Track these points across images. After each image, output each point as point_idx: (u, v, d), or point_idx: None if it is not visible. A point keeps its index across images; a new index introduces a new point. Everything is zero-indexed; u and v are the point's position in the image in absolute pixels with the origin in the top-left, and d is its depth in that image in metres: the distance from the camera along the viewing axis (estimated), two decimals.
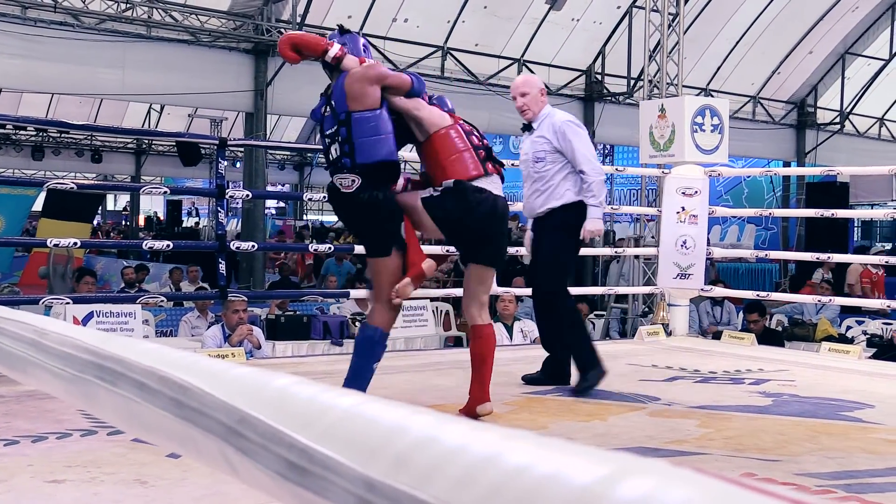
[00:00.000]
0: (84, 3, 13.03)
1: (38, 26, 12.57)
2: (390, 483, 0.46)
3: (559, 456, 0.41)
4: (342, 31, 4.39)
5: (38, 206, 16.76)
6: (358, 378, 4.12)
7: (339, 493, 0.49)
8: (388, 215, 4.11)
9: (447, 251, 7.06)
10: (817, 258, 9.13)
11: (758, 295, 8.69)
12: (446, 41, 15.92)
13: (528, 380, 5.33)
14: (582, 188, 5.07)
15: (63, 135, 23.86)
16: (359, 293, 9.69)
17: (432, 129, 4.31)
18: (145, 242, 6.65)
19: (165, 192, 6.82)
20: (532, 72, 16.84)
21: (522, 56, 16.89)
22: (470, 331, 4.42)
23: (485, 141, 4.43)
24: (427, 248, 5.15)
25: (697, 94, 16.60)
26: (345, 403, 0.53)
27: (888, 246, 20.64)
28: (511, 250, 7.04)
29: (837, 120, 21.35)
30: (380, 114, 4.08)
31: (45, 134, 23.89)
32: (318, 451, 0.52)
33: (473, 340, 4.36)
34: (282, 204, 32.17)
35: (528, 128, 5.30)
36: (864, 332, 9.89)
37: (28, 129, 22.20)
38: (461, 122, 4.46)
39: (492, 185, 4.25)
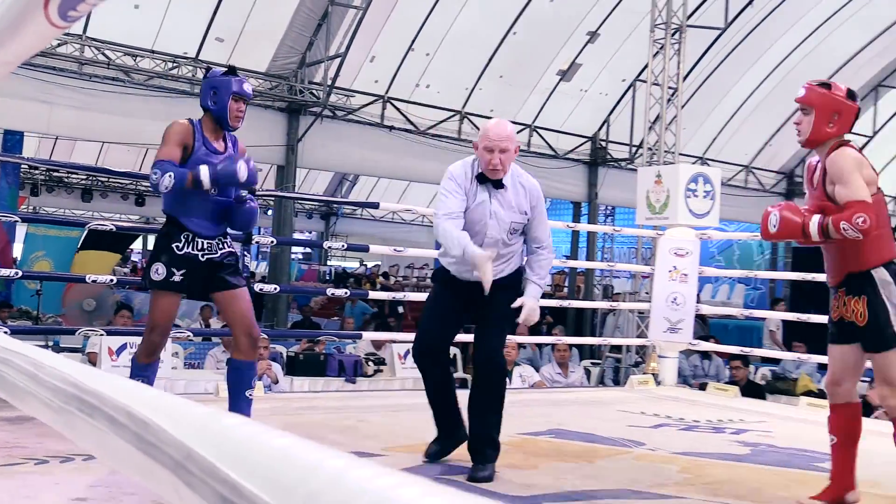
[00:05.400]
0: (135, 61, 13.23)
1: (93, 81, 12.76)
2: None
3: (442, 502, 0.41)
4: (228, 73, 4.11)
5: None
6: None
7: None
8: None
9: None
10: (798, 318, 9.07)
11: (742, 350, 8.64)
12: (464, 106, 16.06)
13: (433, 454, 4.19)
14: (530, 264, 4.14)
15: (110, 180, 24.10)
16: (376, 335, 9.71)
17: None
18: None
19: None
20: (542, 137, 16.97)
21: (534, 122, 17.01)
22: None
23: None
24: None
25: (694, 163, 16.65)
26: (276, 444, 0.53)
27: None
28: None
29: None
30: None
31: (94, 178, 24.16)
32: (245, 487, 0.52)
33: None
34: (308, 250, 32.25)
35: (493, 183, 3.97)
36: None
37: (79, 173, 22.44)
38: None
39: None
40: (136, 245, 33.06)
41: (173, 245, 3.97)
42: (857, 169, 3.39)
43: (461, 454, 4.07)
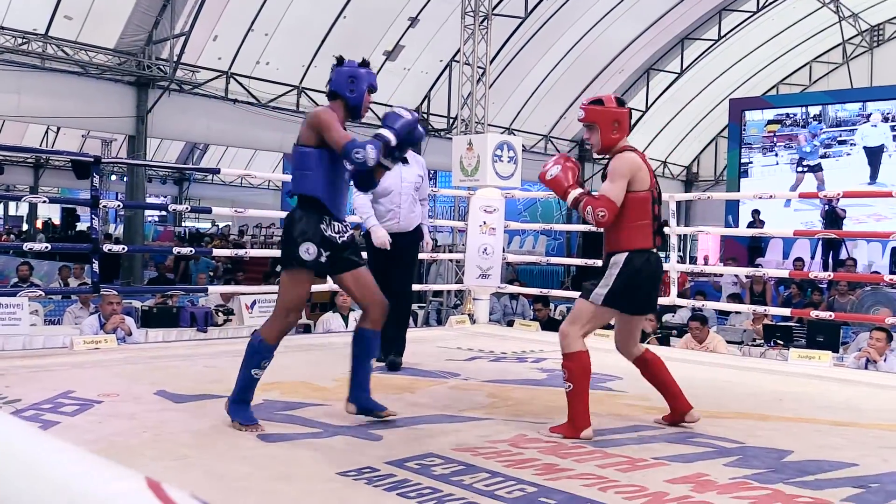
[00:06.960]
0: None
1: None
2: None
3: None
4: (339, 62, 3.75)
5: None
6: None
7: None
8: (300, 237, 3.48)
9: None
10: (585, 262, 9.42)
11: (542, 291, 8.88)
12: (301, 81, 15.65)
13: (391, 364, 5.23)
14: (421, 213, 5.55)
15: None
16: (221, 289, 9.35)
17: None
18: (25, 245, 6.16)
19: (44, 201, 6.35)
20: (372, 111, 16.76)
21: None
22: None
23: None
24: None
25: (502, 133, 16.93)
26: None
27: None
28: None
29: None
30: (309, 152, 3.50)
31: None
32: None
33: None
34: (164, 212, 30.82)
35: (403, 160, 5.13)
36: None
37: None
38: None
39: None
40: None
41: (321, 227, 3.48)
42: (627, 174, 3.53)
43: (295, 389, 3.97)
